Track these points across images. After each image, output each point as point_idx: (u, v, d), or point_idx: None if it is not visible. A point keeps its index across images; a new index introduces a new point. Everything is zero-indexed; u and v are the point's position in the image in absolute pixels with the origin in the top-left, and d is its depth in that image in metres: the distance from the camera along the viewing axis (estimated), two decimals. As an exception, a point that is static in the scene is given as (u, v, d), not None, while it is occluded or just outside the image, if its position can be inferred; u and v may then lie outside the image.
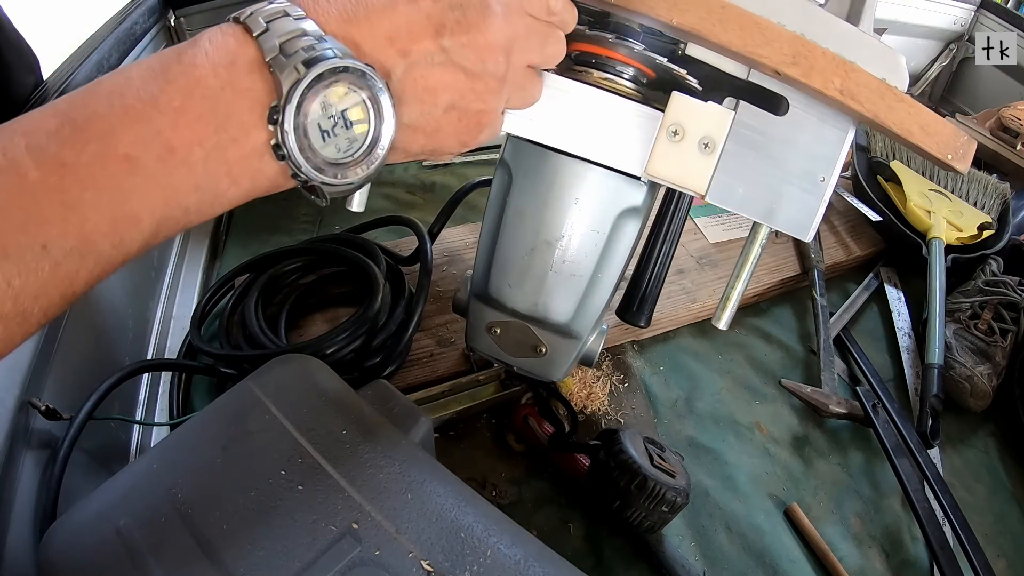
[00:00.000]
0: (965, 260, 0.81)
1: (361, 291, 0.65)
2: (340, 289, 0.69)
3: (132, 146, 0.21)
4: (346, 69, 0.23)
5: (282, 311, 0.64)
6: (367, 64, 0.24)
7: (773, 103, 0.35)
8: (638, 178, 0.38)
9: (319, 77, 0.22)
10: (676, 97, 0.35)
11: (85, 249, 0.21)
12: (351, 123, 0.24)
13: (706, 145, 0.35)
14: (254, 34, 0.23)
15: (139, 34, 0.69)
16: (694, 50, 0.35)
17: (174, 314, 0.69)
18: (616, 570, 0.52)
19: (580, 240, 0.42)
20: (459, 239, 0.78)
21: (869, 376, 0.71)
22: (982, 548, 0.56)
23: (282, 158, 0.23)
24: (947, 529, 0.57)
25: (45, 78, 0.56)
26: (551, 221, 0.42)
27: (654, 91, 0.39)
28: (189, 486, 0.35)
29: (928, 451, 0.63)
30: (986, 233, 0.84)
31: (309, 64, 0.22)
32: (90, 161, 0.20)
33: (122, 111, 0.21)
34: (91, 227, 0.20)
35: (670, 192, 0.47)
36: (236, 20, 0.24)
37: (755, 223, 0.38)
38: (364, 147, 0.25)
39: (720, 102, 0.35)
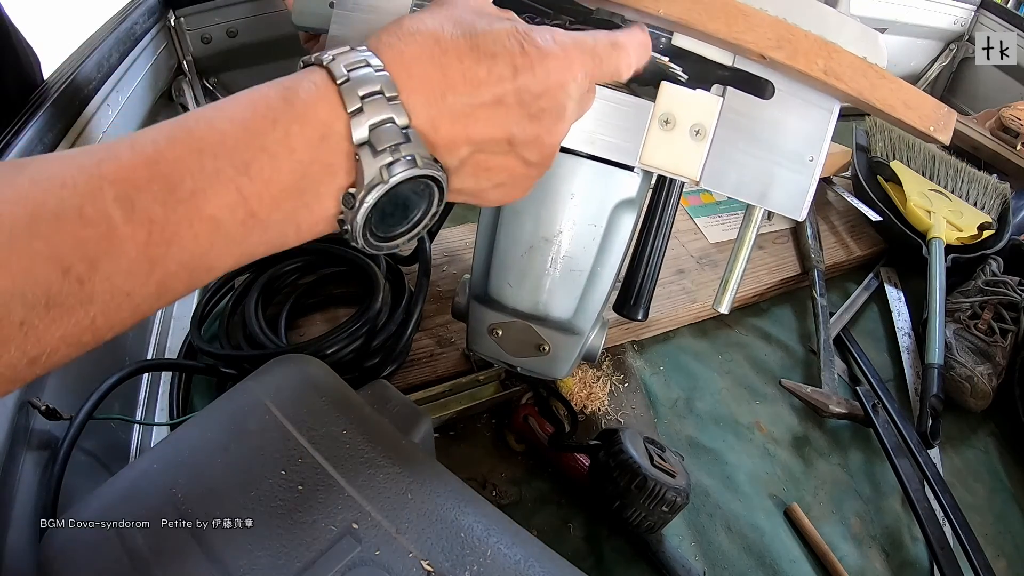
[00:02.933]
0: (965, 260, 0.81)
1: (361, 291, 0.65)
2: (340, 289, 0.69)
3: (218, 210, 0.21)
4: (423, 175, 0.24)
5: (282, 311, 0.64)
6: (439, 167, 0.25)
7: (759, 88, 0.36)
8: (631, 169, 0.39)
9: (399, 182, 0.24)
10: (665, 87, 0.36)
11: (162, 292, 0.22)
12: (409, 209, 0.26)
13: (697, 132, 0.36)
14: (348, 109, 0.23)
15: (139, 34, 0.69)
16: (680, 40, 0.35)
17: (174, 314, 0.69)
18: (616, 570, 0.52)
19: (578, 235, 0.42)
20: (459, 239, 0.78)
21: (869, 376, 0.71)
22: (982, 548, 0.56)
23: (343, 228, 0.25)
24: (947, 529, 0.57)
25: (46, 78, 0.56)
26: (548, 218, 0.42)
27: (643, 85, 0.39)
28: (189, 486, 0.35)
29: (928, 451, 0.63)
30: (986, 233, 0.84)
31: (393, 170, 0.23)
32: (178, 220, 0.21)
33: (214, 174, 0.21)
34: (171, 277, 0.22)
35: (660, 184, 0.47)
36: (331, 76, 0.23)
37: (749, 205, 0.39)
38: (415, 225, 0.27)
39: (708, 90, 0.36)
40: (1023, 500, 0.63)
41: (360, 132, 0.23)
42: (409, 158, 0.24)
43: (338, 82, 0.23)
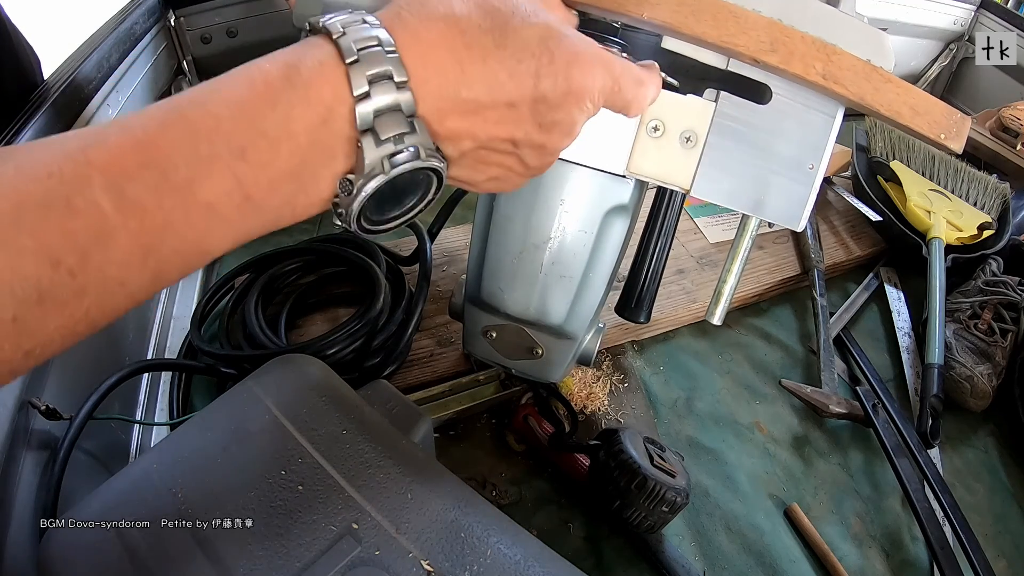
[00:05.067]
0: (965, 260, 0.81)
1: (361, 291, 0.65)
2: (340, 289, 0.69)
3: (214, 196, 0.21)
4: (424, 167, 0.24)
5: (282, 311, 0.64)
6: (441, 157, 0.25)
7: (755, 92, 0.34)
8: (623, 176, 0.38)
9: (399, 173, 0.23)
10: None
11: (157, 278, 0.21)
12: (405, 195, 0.25)
13: (688, 139, 0.35)
14: (354, 93, 0.22)
15: (139, 34, 0.69)
16: (670, 43, 0.34)
17: (174, 314, 0.69)
18: (616, 570, 0.52)
19: (568, 241, 0.42)
20: (458, 239, 0.78)
21: (869, 376, 0.71)
22: (982, 548, 0.56)
23: (336, 211, 0.24)
24: (947, 529, 0.57)
25: (46, 78, 0.56)
26: (538, 224, 0.41)
27: None
28: (189, 486, 0.35)
29: (928, 451, 0.63)
30: (986, 233, 0.84)
31: (395, 160, 0.23)
32: (171, 208, 0.20)
33: (208, 160, 0.20)
34: (165, 263, 0.21)
35: (662, 187, 0.47)
36: (338, 53, 0.22)
37: (744, 215, 0.38)
38: (409, 211, 0.26)
39: (700, 94, 0.34)
40: (1023, 500, 0.63)
41: (365, 118, 0.22)
42: (413, 149, 0.23)
43: (347, 61, 0.22)
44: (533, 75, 0.24)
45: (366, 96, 0.22)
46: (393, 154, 0.23)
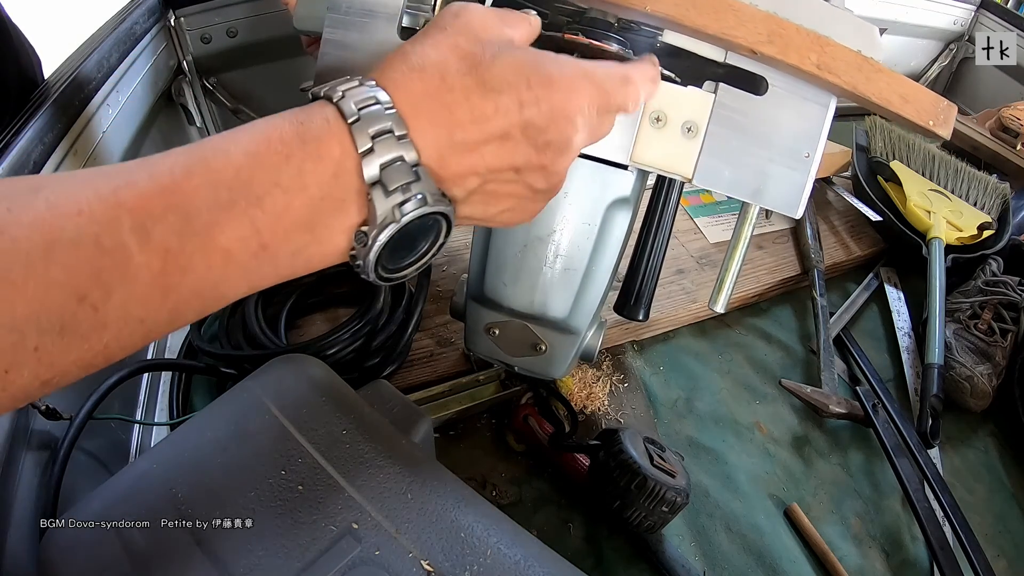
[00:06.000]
0: (965, 260, 0.81)
1: (361, 291, 0.65)
2: (340, 289, 0.69)
3: (231, 241, 0.22)
4: (432, 212, 0.25)
5: (282, 311, 0.64)
6: (447, 202, 0.26)
7: (752, 83, 0.35)
8: (625, 167, 0.38)
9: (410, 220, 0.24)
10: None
11: (174, 318, 0.22)
12: (417, 241, 0.26)
13: (689, 129, 0.35)
14: (359, 149, 0.23)
15: (139, 34, 0.69)
16: (671, 36, 0.35)
17: (174, 314, 0.69)
18: (616, 570, 0.52)
19: (572, 234, 0.42)
20: (459, 239, 0.78)
21: (869, 376, 0.71)
22: (982, 548, 0.56)
23: (355, 263, 0.25)
24: (947, 529, 0.57)
25: (46, 77, 0.56)
26: (541, 217, 0.42)
27: None
28: (189, 486, 0.35)
29: (928, 451, 0.63)
30: (986, 233, 0.84)
31: (404, 209, 0.24)
32: (192, 251, 0.21)
33: (228, 206, 0.21)
34: (184, 304, 0.22)
35: (659, 183, 0.47)
36: (340, 114, 0.24)
37: (744, 203, 0.39)
38: (423, 255, 0.27)
39: (700, 87, 0.35)
40: (1023, 500, 0.63)
41: (371, 171, 0.23)
42: (420, 196, 0.24)
43: (349, 120, 0.23)
44: (516, 102, 0.25)
45: (370, 151, 0.23)
46: (402, 203, 0.24)
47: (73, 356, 0.20)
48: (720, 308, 0.42)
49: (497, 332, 0.47)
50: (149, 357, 0.62)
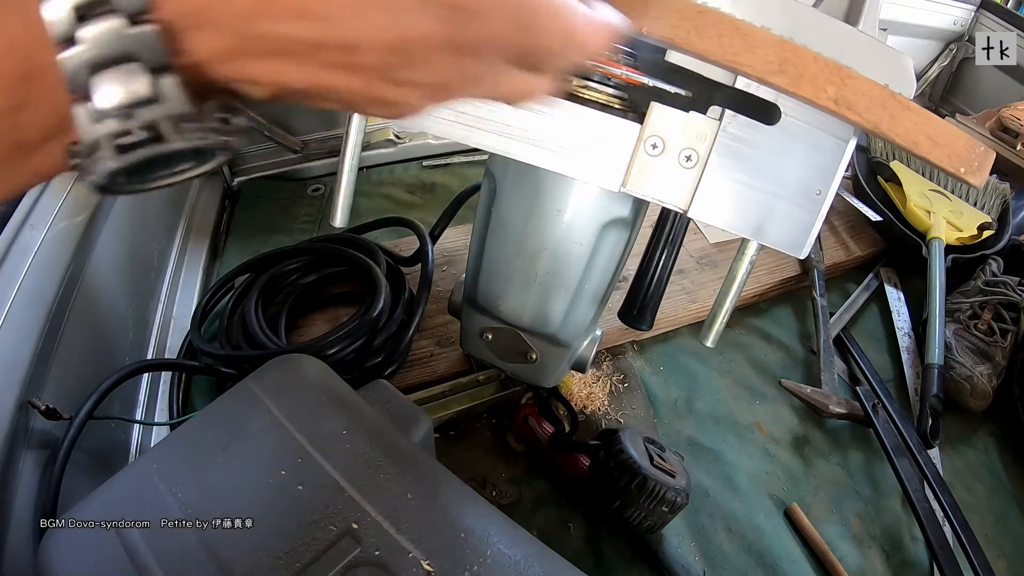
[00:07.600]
0: (965, 260, 0.81)
1: (361, 291, 0.65)
2: (340, 289, 0.69)
3: None
4: (171, 151, 0.17)
5: (282, 311, 0.64)
6: (211, 131, 0.18)
7: (764, 112, 0.32)
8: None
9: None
10: (655, 108, 0.33)
11: None
12: (173, 161, 0.18)
13: (688, 158, 0.33)
14: (52, 30, 0.15)
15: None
16: (675, 56, 0.32)
17: (174, 314, 0.69)
18: (616, 570, 0.52)
19: (562, 252, 0.41)
20: (459, 239, 0.78)
21: (869, 376, 0.71)
22: (982, 548, 0.56)
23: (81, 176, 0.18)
24: (947, 529, 0.57)
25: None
26: (534, 232, 0.41)
27: (643, 99, 0.36)
28: (189, 486, 0.35)
29: (928, 451, 0.63)
30: (986, 233, 0.84)
31: (120, 144, 0.16)
32: None
33: None
34: None
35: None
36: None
37: (744, 239, 0.36)
38: (185, 171, 0.19)
39: (704, 112, 0.33)
40: (1023, 500, 0.63)
41: (75, 74, 0.15)
42: (148, 130, 0.16)
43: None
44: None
45: (71, 39, 0.14)
46: (119, 135, 0.15)
47: None
48: (710, 343, 0.39)
49: (490, 337, 0.47)
50: (149, 357, 0.62)
